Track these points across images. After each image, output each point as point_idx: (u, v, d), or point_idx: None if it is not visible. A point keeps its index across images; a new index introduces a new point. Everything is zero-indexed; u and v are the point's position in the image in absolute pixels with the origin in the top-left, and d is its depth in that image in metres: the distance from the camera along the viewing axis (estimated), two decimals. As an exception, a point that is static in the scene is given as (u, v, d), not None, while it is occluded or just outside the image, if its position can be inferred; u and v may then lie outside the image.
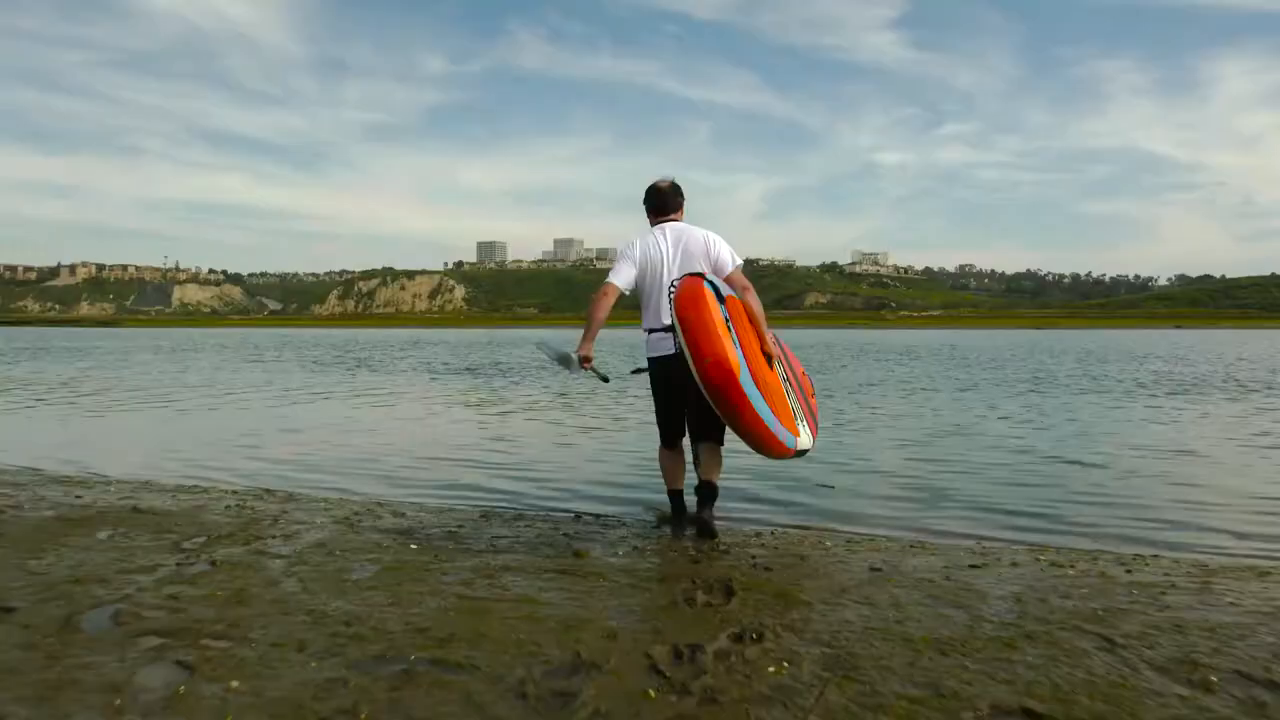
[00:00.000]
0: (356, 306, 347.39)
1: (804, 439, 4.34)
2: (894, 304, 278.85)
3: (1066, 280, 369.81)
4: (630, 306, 4.67)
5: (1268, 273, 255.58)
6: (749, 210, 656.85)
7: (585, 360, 4.46)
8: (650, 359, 4.54)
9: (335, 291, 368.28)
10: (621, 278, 4.39)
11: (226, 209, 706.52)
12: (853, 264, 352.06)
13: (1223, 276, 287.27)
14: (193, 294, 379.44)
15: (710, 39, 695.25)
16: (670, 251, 4.41)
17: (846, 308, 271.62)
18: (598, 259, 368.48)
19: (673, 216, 4.56)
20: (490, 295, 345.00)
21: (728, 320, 4.06)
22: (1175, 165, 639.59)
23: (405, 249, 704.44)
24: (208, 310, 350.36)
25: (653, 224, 4.58)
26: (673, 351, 4.27)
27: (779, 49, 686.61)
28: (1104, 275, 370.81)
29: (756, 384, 4.03)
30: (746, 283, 4.38)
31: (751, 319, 4.34)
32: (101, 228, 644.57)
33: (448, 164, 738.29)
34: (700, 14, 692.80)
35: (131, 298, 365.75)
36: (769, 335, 4.41)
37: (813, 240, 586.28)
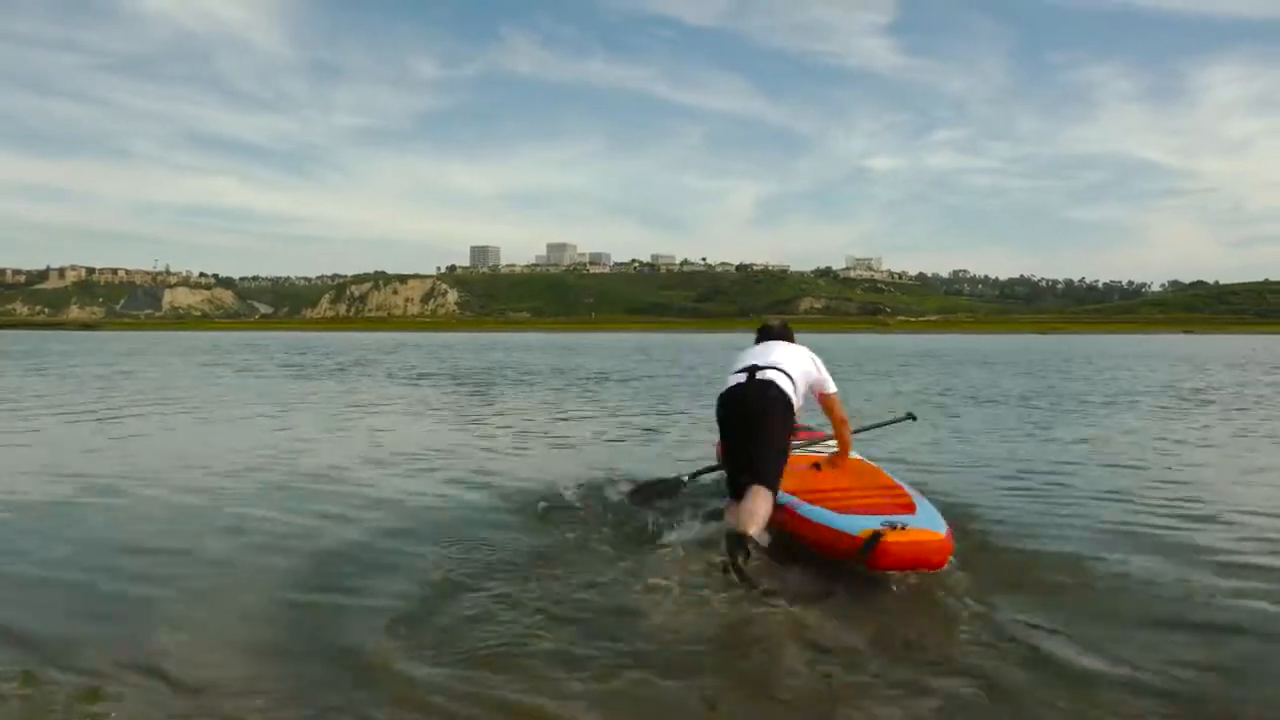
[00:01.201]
0: (348, 310, 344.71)
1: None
2: (889, 309, 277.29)
3: (1060, 286, 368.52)
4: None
5: (1260, 278, 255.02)
6: (742, 215, 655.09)
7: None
8: (722, 393, 4.74)
9: (327, 295, 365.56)
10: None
11: (218, 212, 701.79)
12: (846, 269, 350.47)
13: (1215, 282, 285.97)
14: (183, 297, 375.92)
15: (702, 44, 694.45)
16: (770, 344, 4.98)
17: (841, 313, 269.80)
18: (590, 264, 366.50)
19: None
20: (483, 299, 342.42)
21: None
22: (1166, 172, 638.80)
23: (398, 253, 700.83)
24: (198, 314, 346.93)
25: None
26: (744, 380, 4.67)
27: (770, 54, 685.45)
28: (1097, 281, 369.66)
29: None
30: (844, 415, 5.10)
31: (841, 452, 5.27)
32: (93, 231, 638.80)
33: (440, 168, 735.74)
34: (692, 19, 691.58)
35: (121, 301, 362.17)
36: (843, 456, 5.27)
37: (806, 245, 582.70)
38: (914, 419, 6.74)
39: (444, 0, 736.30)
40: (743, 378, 4.67)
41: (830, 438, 5.63)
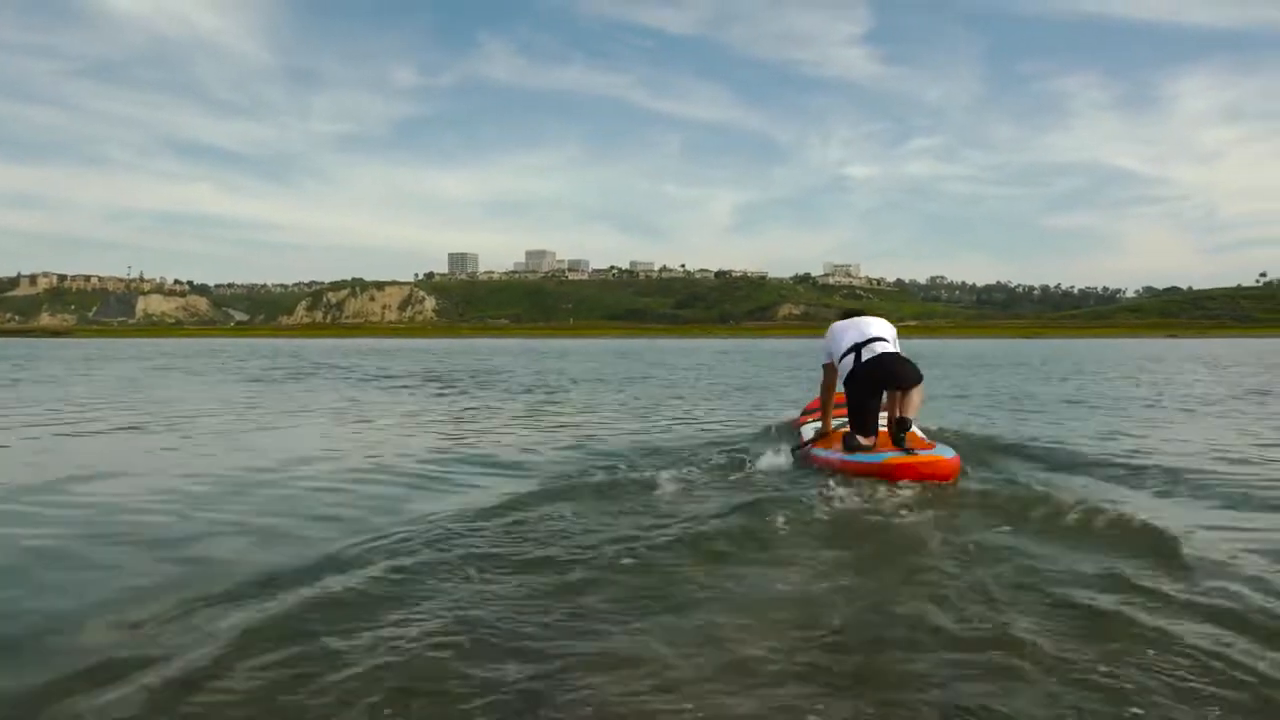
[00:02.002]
0: (325, 317, 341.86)
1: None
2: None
3: (1036, 292, 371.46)
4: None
5: (1233, 284, 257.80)
6: (720, 223, 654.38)
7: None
8: (860, 364, 6.38)
9: (303, 302, 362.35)
10: (830, 357, 6.74)
11: (194, 219, 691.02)
12: (825, 275, 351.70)
13: (1189, 288, 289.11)
14: (157, 305, 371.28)
15: (682, 53, 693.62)
16: (863, 322, 6.67)
17: (821, 319, 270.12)
18: (569, 270, 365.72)
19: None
20: (461, 306, 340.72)
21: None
22: (1139, 179, 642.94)
23: (376, 260, 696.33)
24: (172, 321, 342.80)
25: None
26: (878, 353, 6.38)
27: (750, 63, 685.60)
28: (1072, 287, 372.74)
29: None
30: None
31: None
32: (66, 238, 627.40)
33: (419, 175, 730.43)
34: (673, 29, 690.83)
35: (94, 308, 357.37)
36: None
37: (785, 252, 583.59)
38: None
39: (423, 7, 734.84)
40: (871, 350, 6.37)
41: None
